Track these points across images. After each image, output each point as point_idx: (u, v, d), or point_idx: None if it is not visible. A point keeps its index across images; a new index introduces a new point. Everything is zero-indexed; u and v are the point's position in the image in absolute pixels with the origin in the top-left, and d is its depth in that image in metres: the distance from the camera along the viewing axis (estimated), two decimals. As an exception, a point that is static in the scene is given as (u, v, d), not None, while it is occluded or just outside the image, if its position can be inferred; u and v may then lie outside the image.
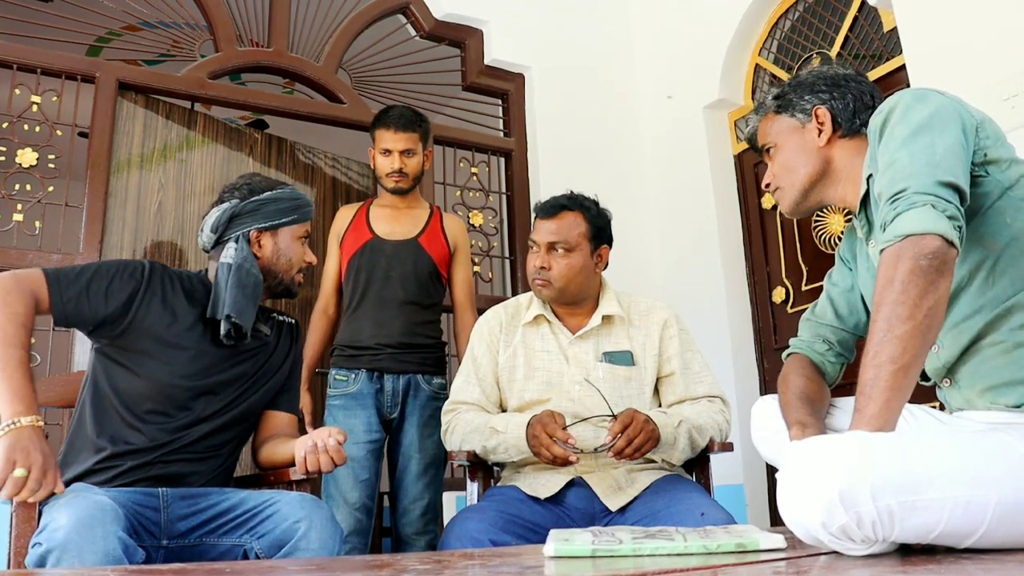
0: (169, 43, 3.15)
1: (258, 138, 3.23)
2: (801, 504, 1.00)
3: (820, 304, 1.67)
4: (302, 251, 1.94)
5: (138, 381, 1.72)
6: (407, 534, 2.51)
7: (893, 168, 1.21)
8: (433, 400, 2.56)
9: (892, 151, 1.23)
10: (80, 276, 1.70)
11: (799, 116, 1.51)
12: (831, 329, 1.64)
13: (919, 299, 1.10)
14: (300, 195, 1.95)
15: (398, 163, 2.61)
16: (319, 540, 1.57)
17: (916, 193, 1.16)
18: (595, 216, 2.09)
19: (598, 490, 1.89)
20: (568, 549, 1.13)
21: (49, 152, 2.75)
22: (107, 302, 1.71)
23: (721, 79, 3.51)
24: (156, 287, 1.78)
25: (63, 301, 1.67)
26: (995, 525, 1.00)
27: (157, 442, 1.71)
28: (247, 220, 1.86)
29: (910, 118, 1.24)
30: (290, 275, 1.93)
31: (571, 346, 2.07)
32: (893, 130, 1.25)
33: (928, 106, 1.25)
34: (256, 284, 1.83)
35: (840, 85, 1.49)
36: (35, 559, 1.39)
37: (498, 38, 3.63)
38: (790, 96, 1.53)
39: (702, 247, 3.51)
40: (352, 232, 2.67)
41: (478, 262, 3.38)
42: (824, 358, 1.63)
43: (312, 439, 1.66)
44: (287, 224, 1.90)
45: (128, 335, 1.73)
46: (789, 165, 1.51)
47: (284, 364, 1.95)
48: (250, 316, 1.81)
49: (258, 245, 1.88)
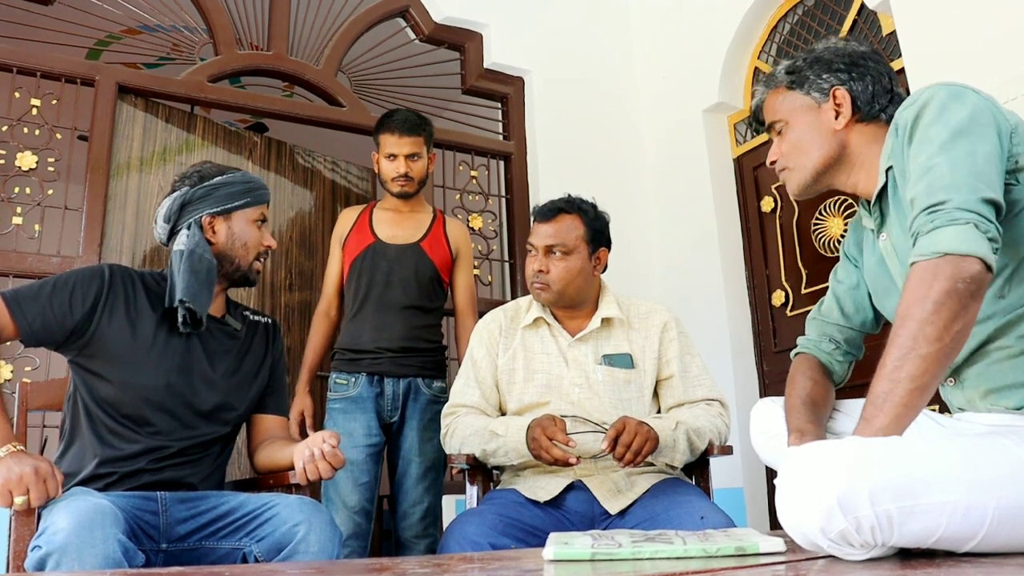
0: (169, 46, 3.15)
1: (257, 141, 3.24)
2: (800, 509, 1.00)
3: (826, 302, 1.64)
4: (258, 234, 1.90)
5: (112, 388, 1.71)
6: (407, 538, 2.51)
7: (931, 175, 1.16)
8: (433, 404, 2.56)
9: (929, 155, 1.18)
10: (40, 293, 1.68)
11: (815, 95, 1.42)
12: (838, 328, 1.61)
13: (950, 322, 1.08)
14: (253, 178, 1.91)
15: (404, 167, 2.61)
16: (318, 543, 1.57)
17: (958, 209, 1.11)
18: (593, 219, 2.09)
19: (598, 493, 1.89)
20: (567, 553, 1.13)
21: (49, 155, 2.75)
22: (72, 312, 1.68)
23: (720, 82, 3.51)
24: (118, 291, 1.75)
25: (28, 322, 1.65)
26: (995, 529, 1.00)
27: (143, 447, 1.70)
28: (199, 206, 1.83)
29: (947, 119, 1.19)
30: (247, 260, 1.88)
31: (570, 349, 2.07)
32: (928, 130, 1.20)
33: (965, 106, 1.20)
34: (209, 269, 1.79)
35: (859, 65, 1.41)
36: (34, 562, 1.39)
37: (498, 41, 3.64)
38: (806, 73, 1.43)
39: (701, 250, 3.51)
40: (355, 235, 2.66)
41: (477, 265, 3.38)
42: (831, 357, 1.61)
43: (308, 448, 1.66)
44: (240, 207, 1.87)
45: (94, 343, 1.71)
46: (801, 146, 1.44)
47: (263, 364, 1.93)
48: (205, 301, 1.77)
49: (212, 231, 1.84)
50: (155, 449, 1.71)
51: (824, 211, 3.14)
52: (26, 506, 1.46)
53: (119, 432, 1.70)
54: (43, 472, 1.47)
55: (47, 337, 1.69)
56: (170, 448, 1.72)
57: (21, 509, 1.47)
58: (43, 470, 1.48)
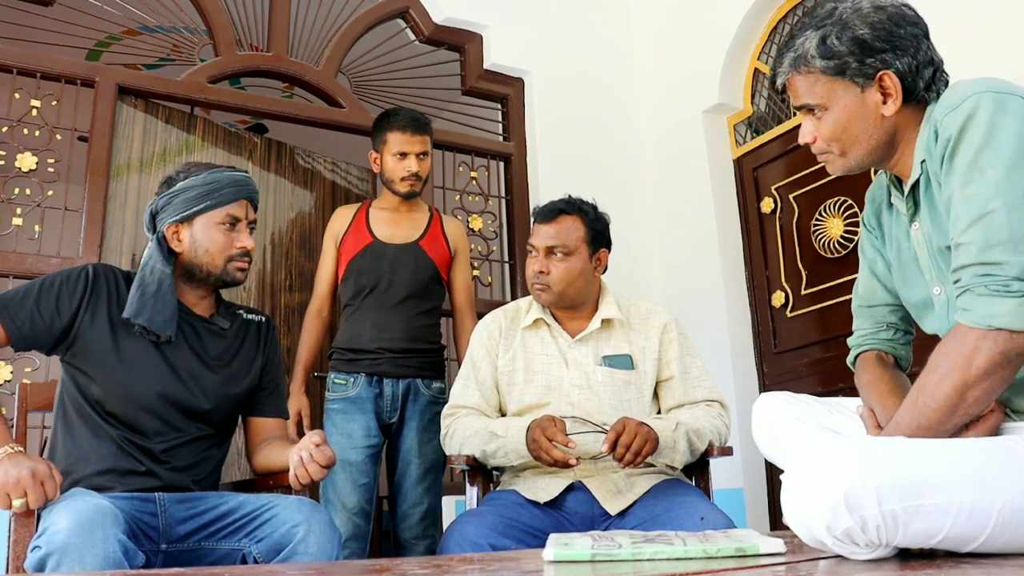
0: (169, 47, 3.15)
1: (257, 142, 3.24)
2: (806, 506, 1.00)
3: (864, 285, 1.55)
4: (223, 238, 1.81)
5: (97, 387, 1.70)
6: (406, 539, 2.50)
7: (987, 222, 1.13)
8: (432, 404, 2.56)
9: (985, 197, 1.13)
10: (26, 297, 1.68)
11: (858, 80, 1.31)
12: (888, 309, 1.53)
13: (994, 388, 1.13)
14: (216, 178, 1.82)
15: (415, 166, 2.60)
16: (317, 544, 1.57)
17: (1017, 280, 1.09)
18: (593, 220, 2.10)
19: (598, 494, 1.89)
20: (567, 553, 1.13)
21: (48, 156, 2.75)
22: (60, 315, 1.68)
23: (720, 83, 3.51)
24: (101, 290, 1.75)
25: (17, 327, 1.65)
26: (998, 530, 1.00)
27: (129, 447, 1.69)
28: (163, 216, 1.80)
29: (998, 142, 1.14)
30: (216, 265, 1.81)
31: (570, 350, 2.07)
32: (979, 157, 1.15)
33: (1014, 122, 1.15)
34: (161, 282, 1.75)
35: (898, 37, 1.30)
36: (34, 563, 1.39)
37: (497, 42, 3.64)
38: (847, 60, 1.31)
39: (701, 251, 3.51)
40: (352, 234, 2.65)
41: (477, 266, 3.38)
42: (893, 344, 1.54)
43: (298, 452, 1.65)
44: (199, 212, 1.79)
45: (78, 343, 1.71)
46: (847, 134, 1.34)
47: (254, 363, 1.90)
48: (159, 317, 1.73)
49: (177, 240, 1.81)
50: (142, 449, 1.70)
51: (824, 212, 3.14)
52: (25, 508, 1.46)
53: (107, 431, 1.69)
54: (41, 474, 1.47)
55: (37, 341, 1.69)
56: (156, 448, 1.72)
57: (20, 512, 1.46)
58: (41, 472, 1.47)
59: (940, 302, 1.33)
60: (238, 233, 1.84)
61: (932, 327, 1.38)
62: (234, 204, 1.82)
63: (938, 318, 1.35)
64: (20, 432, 1.82)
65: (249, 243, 1.84)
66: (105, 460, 1.68)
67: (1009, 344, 1.10)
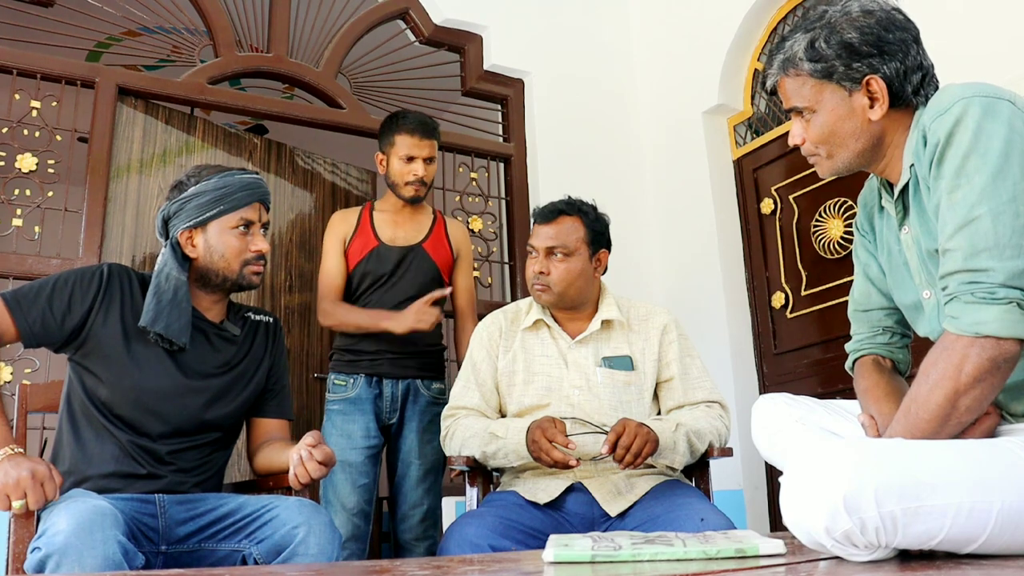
0: (169, 48, 3.15)
1: (257, 143, 3.24)
2: (805, 508, 1.00)
3: (859, 290, 1.56)
4: (238, 242, 1.80)
5: (105, 388, 1.70)
6: (406, 540, 2.50)
7: (973, 229, 1.13)
8: (432, 405, 2.56)
9: (971, 203, 1.14)
10: (40, 293, 1.68)
11: (845, 84, 1.33)
12: (884, 313, 1.53)
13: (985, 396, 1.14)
14: (228, 182, 1.79)
15: (422, 171, 2.59)
16: (317, 545, 1.57)
17: (1002, 286, 1.10)
18: (593, 221, 2.10)
19: (598, 495, 1.89)
20: (567, 554, 1.13)
21: (49, 157, 2.75)
22: (71, 313, 1.68)
23: (720, 84, 3.52)
24: (114, 291, 1.74)
25: (28, 323, 1.65)
26: (998, 531, 1.00)
27: (134, 449, 1.69)
28: (176, 222, 1.79)
29: (985, 147, 1.15)
30: (232, 270, 1.80)
31: (570, 351, 2.07)
32: (966, 162, 1.16)
33: (1001, 127, 1.15)
34: (177, 289, 1.75)
35: (886, 42, 1.31)
36: (34, 564, 1.39)
37: (497, 43, 3.64)
38: (834, 63, 1.32)
39: (701, 252, 3.51)
40: (358, 239, 2.63)
41: (477, 267, 3.38)
42: (891, 348, 1.54)
43: (296, 451, 1.65)
44: (213, 217, 1.78)
45: (89, 342, 1.71)
46: (834, 137, 1.36)
47: (261, 366, 1.90)
48: (175, 324, 1.73)
49: (191, 245, 1.80)
50: (147, 451, 1.71)
51: (824, 213, 3.14)
52: (24, 510, 1.46)
53: (112, 433, 1.69)
54: (40, 475, 1.47)
55: (47, 338, 1.69)
56: (161, 450, 1.72)
57: (19, 513, 1.46)
58: (40, 473, 1.47)
59: (930, 306, 1.34)
60: (252, 236, 1.82)
61: (924, 330, 1.39)
62: (247, 207, 1.81)
63: (928, 321, 1.35)
64: (20, 433, 1.82)
65: (264, 246, 1.83)
66: (110, 462, 1.68)
67: (997, 351, 1.11)
